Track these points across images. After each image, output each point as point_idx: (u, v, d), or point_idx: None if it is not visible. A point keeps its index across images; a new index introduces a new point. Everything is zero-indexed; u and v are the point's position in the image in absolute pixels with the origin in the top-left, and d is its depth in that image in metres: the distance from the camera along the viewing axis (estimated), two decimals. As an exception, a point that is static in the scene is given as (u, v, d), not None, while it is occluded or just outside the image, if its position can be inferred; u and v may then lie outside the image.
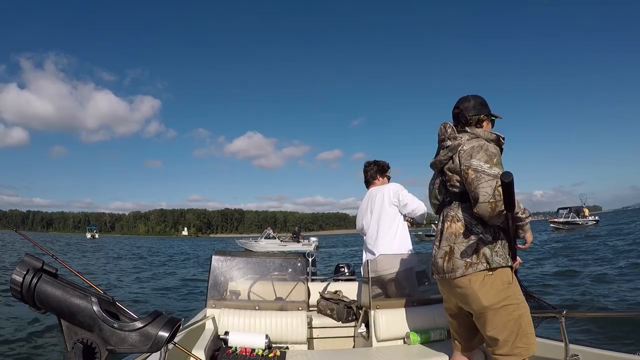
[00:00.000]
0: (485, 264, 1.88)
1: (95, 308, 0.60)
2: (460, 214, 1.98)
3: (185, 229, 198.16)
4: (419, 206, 3.27)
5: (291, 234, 33.49)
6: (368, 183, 3.53)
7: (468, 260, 1.90)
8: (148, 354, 1.60)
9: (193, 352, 2.10)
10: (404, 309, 2.75)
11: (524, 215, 1.85)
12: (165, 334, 0.60)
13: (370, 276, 2.83)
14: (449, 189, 2.05)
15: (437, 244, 2.07)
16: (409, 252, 3.25)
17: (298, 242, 30.37)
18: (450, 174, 2.03)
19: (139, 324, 0.60)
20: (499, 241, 1.93)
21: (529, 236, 1.97)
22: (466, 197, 1.95)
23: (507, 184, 1.60)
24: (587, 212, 45.18)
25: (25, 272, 0.59)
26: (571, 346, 2.07)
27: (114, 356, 0.63)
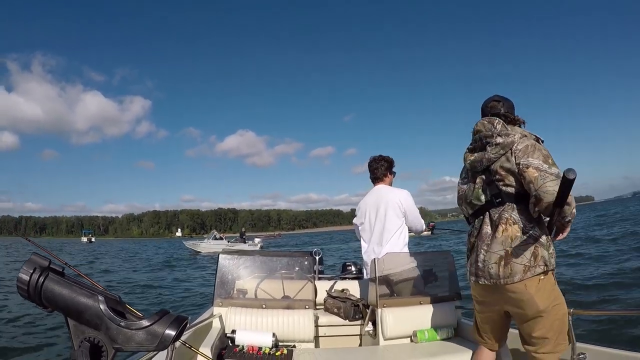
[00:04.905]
0: (543, 267, 1.84)
1: (102, 307, 0.60)
2: (516, 215, 1.88)
3: (179, 230, 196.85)
4: (420, 225, 3.38)
5: (238, 235, 34.29)
6: (377, 179, 3.46)
7: (527, 264, 1.84)
8: (155, 352, 1.60)
9: (200, 350, 2.10)
10: (411, 308, 2.73)
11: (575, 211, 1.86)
12: (172, 333, 0.60)
13: (377, 275, 2.82)
14: (502, 189, 1.92)
15: (485, 248, 1.93)
16: (415, 251, 3.25)
17: (244, 242, 31.06)
18: (504, 173, 1.90)
19: (145, 323, 0.60)
20: (551, 243, 1.91)
21: (567, 231, 1.97)
22: (522, 198, 1.87)
23: (571, 181, 1.56)
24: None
25: (32, 271, 0.59)
26: (578, 344, 2.05)
27: (120, 355, 0.62)
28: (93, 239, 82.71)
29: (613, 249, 11.94)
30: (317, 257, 4.38)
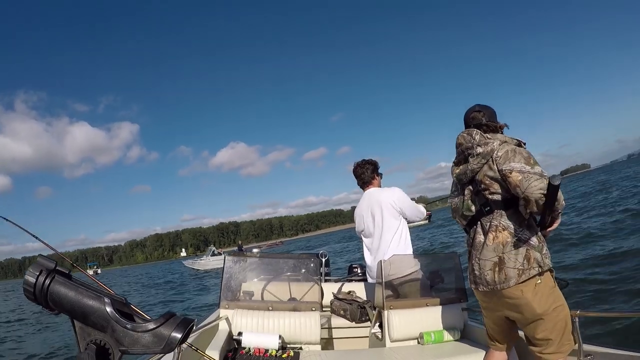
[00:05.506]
0: (537, 268, 1.86)
1: (108, 309, 0.60)
2: (505, 222, 1.92)
3: (183, 249, 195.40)
4: (421, 213, 3.37)
5: (236, 248, 34.15)
6: (365, 184, 3.43)
7: (520, 267, 1.86)
8: (161, 354, 1.60)
9: (206, 353, 2.10)
10: (417, 310, 2.72)
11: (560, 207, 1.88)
12: (178, 335, 0.60)
13: (383, 277, 2.81)
14: (489, 198, 1.96)
15: (479, 257, 1.98)
16: (419, 253, 3.23)
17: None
18: (489, 181, 1.94)
19: (151, 325, 0.60)
20: (544, 243, 1.92)
21: (558, 222, 1.99)
22: (510, 204, 1.91)
23: (556, 187, 1.64)
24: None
25: (38, 273, 0.59)
26: (585, 346, 2.03)
27: (127, 357, 0.62)
28: (99, 271, 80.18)
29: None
30: (323, 259, 4.37)
